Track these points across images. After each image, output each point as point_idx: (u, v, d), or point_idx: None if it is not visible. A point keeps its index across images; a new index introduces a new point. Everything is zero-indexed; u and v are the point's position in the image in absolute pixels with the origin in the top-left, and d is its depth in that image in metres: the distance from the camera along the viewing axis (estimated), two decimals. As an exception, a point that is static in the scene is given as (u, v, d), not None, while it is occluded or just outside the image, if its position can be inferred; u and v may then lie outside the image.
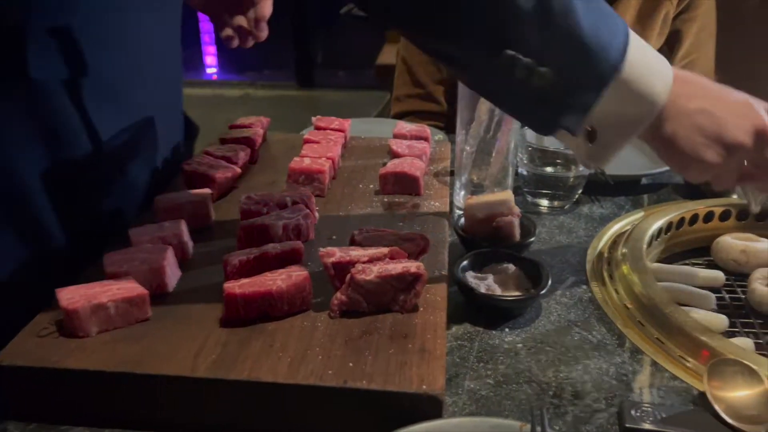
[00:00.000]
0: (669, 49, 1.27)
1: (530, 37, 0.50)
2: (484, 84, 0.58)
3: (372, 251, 0.57)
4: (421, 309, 0.58)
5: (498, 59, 0.51)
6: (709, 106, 0.57)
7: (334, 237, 0.70)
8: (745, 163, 0.60)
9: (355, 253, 0.57)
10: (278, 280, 0.55)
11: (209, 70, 4.97)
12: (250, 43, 0.85)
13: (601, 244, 0.81)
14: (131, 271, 0.58)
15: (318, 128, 0.91)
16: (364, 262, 0.56)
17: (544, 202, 0.90)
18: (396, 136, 0.90)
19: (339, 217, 0.75)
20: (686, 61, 1.28)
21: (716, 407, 0.52)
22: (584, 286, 0.72)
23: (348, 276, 0.56)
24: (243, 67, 4.74)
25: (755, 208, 0.73)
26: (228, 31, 0.84)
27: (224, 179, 0.76)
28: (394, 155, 0.84)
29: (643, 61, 0.54)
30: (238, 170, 0.79)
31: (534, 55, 0.50)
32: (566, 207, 0.90)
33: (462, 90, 0.79)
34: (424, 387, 0.49)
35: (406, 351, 0.53)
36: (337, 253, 0.57)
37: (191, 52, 4.51)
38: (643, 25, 1.21)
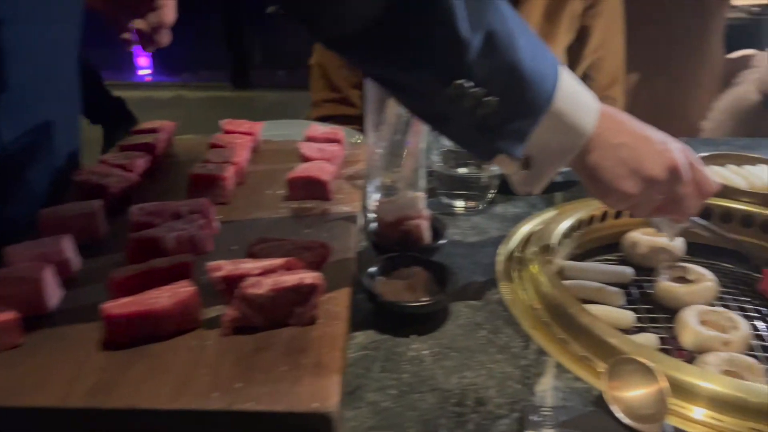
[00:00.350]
0: (579, 44, 1.29)
1: (478, 68, 0.52)
2: (429, 110, 0.59)
3: (265, 263, 0.55)
4: (321, 321, 0.56)
5: (447, 89, 0.52)
6: (630, 142, 0.61)
7: (235, 247, 0.66)
8: (660, 197, 0.64)
9: (247, 265, 0.54)
10: (163, 297, 0.52)
11: (142, 72, 4.82)
12: (152, 48, 0.83)
13: (513, 244, 0.81)
14: (3, 294, 0.53)
15: (227, 132, 0.88)
16: (256, 275, 0.53)
17: (459, 203, 0.89)
18: (308, 139, 0.88)
19: (243, 225, 0.72)
20: (596, 57, 1.30)
21: (613, 408, 0.52)
22: (494, 288, 0.72)
23: (238, 290, 0.53)
24: (177, 68, 4.61)
25: (670, 239, 0.77)
26: (126, 35, 0.81)
27: (118, 189, 0.72)
28: (304, 159, 0.82)
29: (573, 94, 0.58)
30: (136, 179, 0.75)
31: (481, 85, 0.52)
32: (481, 207, 0.90)
33: (370, 92, 0.77)
34: (316, 405, 0.47)
35: (300, 367, 0.50)
36: (226, 267, 0.54)
37: (123, 53, 4.35)
38: (550, 22, 1.22)
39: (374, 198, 0.82)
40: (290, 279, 0.53)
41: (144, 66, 4.80)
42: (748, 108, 1.66)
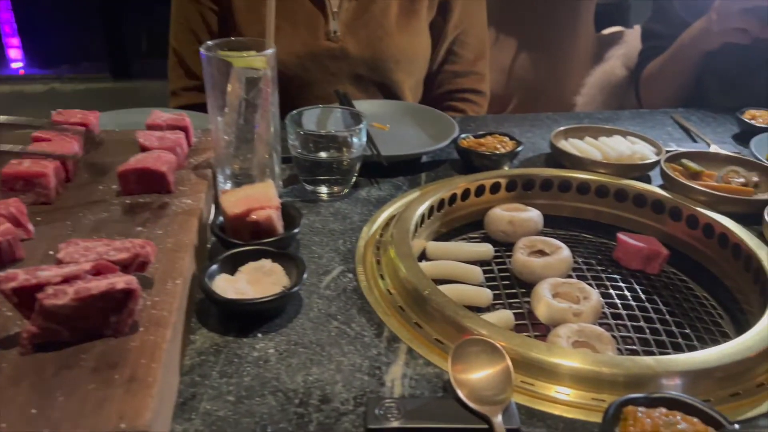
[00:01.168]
0: (442, 20, 1.28)
1: None
2: None
3: (69, 269, 0.48)
4: (142, 329, 0.50)
5: None
6: None
7: (52, 252, 0.59)
8: None
9: (46, 273, 0.47)
10: (-61, 318, 0.44)
11: (14, 65, 4.42)
12: None
13: (374, 228, 0.78)
14: None
15: (55, 122, 0.79)
16: (57, 284, 0.47)
17: (323, 189, 0.85)
18: (149, 127, 0.81)
19: (66, 227, 0.64)
20: (459, 32, 1.30)
21: (459, 392, 0.51)
22: (350, 275, 0.69)
23: (37, 302, 0.46)
24: (53, 60, 4.27)
25: None
26: None
27: None
28: (142, 149, 0.75)
29: None
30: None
31: None
32: (345, 192, 0.86)
33: (207, 70, 0.71)
34: (123, 425, 0.41)
35: (110, 384, 0.45)
36: (20, 276, 0.47)
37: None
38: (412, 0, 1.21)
39: (225, 189, 0.77)
40: (98, 285, 0.47)
41: (16, 59, 4.41)
42: (616, 83, 1.73)
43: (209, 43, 0.72)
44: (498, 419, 0.48)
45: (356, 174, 0.86)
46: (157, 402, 0.44)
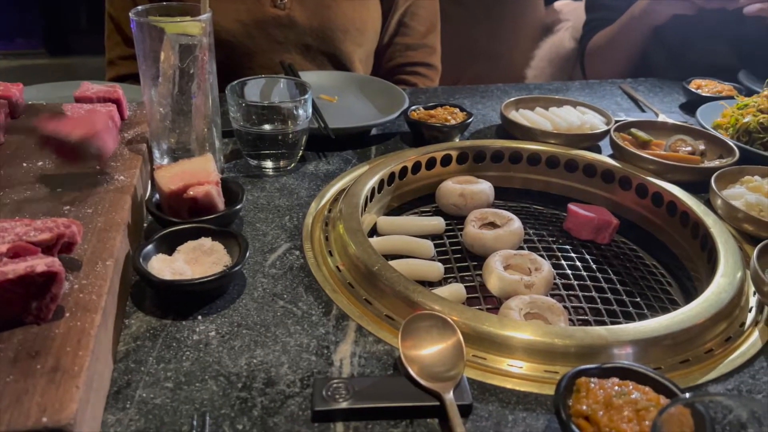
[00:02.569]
0: None
1: None
2: None
3: (-20, 252, 0.44)
4: (68, 314, 0.46)
5: None
6: None
7: (-33, 235, 0.54)
8: None
9: (-46, 257, 0.43)
10: None
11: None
12: None
13: (322, 203, 0.75)
14: None
15: (-26, 97, 0.73)
16: (-33, 268, 0.43)
17: (268, 164, 0.82)
18: (78, 100, 0.75)
19: (-15, 207, 0.59)
20: (410, 2, 1.27)
21: (409, 369, 0.49)
22: (297, 252, 0.66)
23: (-55, 289, 0.42)
24: (-14, 37, 4.04)
25: None
26: None
27: None
28: (71, 124, 0.70)
29: None
30: None
31: None
32: (292, 166, 0.83)
33: (138, 37, 0.67)
34: (45, 419, 0.38)
35: (31, 375, 0.41)
36: None
37: None
38: None
39: (161, 164, 0.72)
40: (16, 269, 0.43)
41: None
42: (565, 55, 1.73)
43: (140, 7, 0.67)
44: (449, 395, 0.46)
45: (303, 148, 0.82)
46: (84, 393, 0.41)
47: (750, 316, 0.59)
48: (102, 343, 0.47)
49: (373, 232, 0.76)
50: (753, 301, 0.61)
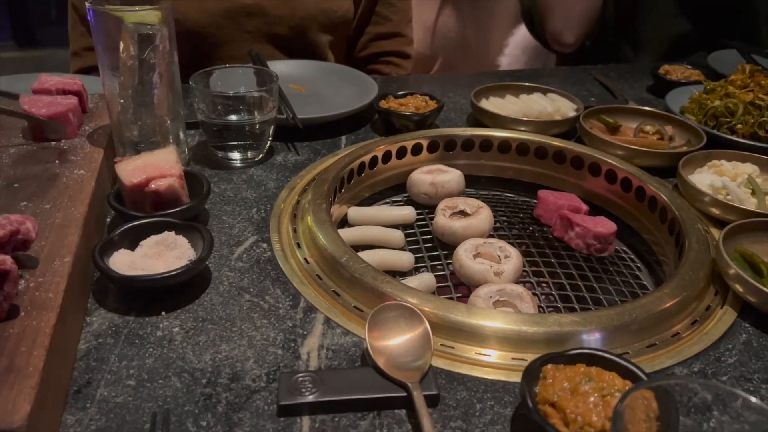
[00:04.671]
0: None
1: None
2: None
3: (-73, 251, 0.42)
4: (23, 313, 0.45)
5: None
6: None
7: None
8: None
9: None
10: None
11: None
12: None
13: (290, 195, 0.74)
14: None
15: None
16: None
17: (235, 155, 0.81)
18: (36, 93, 0.73)
19: (-63, 205, 0.57)
20: None
21: (376, 360, 0.48)
22: (265, 245, 0.65)
23: None
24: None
25: None
26: None
27: None
28: (28, 117, 0.68)
29: None
30: None
31: None
32: (260, 157, 0.81)
33: (96, 27, 0.65)
34: (-4, 423, 0.37)
35: (-17, 376, 0.40)
36: None
37: None
38: None
39: (123, 157, 0.71)
40: (-35, 267, 0.42)
41: None
42: (537, 43, 1.73)
43: (97, -4, 0.66)
44: (416, 385, 0.46)
45: (270, 138, 0.81)
46: (39, 393, 0.40)
47: (716, 300, 0.60)
48: (60, 342, 0.46)
49: (344, 222, 0.75)
50: (718, 284, 0.61)
